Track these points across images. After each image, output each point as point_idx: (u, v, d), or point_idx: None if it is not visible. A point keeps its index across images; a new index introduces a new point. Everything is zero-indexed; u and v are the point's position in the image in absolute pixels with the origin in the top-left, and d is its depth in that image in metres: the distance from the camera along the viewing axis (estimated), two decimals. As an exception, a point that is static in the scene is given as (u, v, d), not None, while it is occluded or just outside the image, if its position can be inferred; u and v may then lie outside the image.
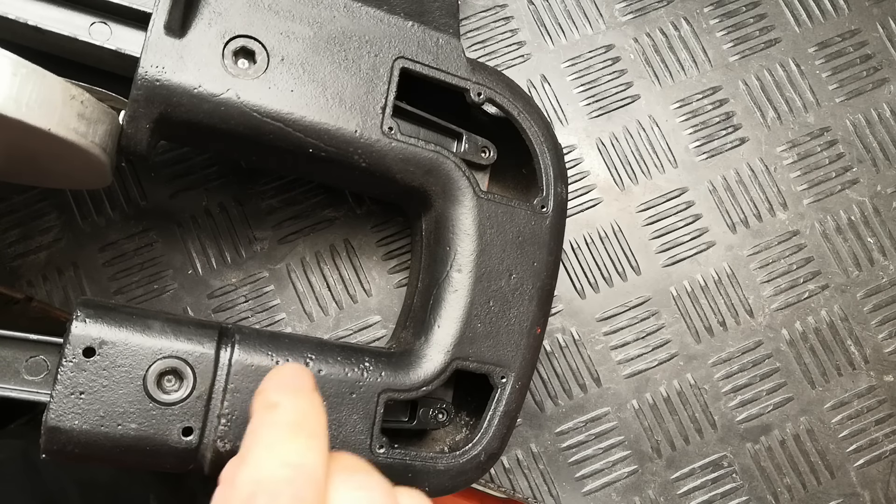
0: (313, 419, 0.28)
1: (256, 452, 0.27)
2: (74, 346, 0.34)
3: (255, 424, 0.29)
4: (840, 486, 0.51)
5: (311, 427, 0.28)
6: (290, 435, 0.27)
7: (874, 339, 0.53)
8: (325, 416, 0.29)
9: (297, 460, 0.27)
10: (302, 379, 0.30)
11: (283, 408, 0.29)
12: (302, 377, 0.30)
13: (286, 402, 0.29)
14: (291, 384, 0.30)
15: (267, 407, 0.29)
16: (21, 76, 0.32)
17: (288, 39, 0.39)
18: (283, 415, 0.28)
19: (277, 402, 0.29)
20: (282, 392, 0.29)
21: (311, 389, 0.30)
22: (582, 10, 0.54)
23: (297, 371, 0.31)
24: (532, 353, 0.43)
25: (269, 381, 0.31)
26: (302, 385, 0.30)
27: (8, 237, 0.50)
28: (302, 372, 0.31)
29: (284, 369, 0.31)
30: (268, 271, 0.51)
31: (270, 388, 0.30)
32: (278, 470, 0.26)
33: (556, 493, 0.50)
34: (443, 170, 0.42)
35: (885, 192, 0.54)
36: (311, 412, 0.29)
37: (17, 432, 0.57)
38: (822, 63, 0.55)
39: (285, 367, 0.32)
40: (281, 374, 0.31)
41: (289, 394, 0.29)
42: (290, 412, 0.28)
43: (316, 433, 0.28)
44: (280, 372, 0.31)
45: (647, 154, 0.53)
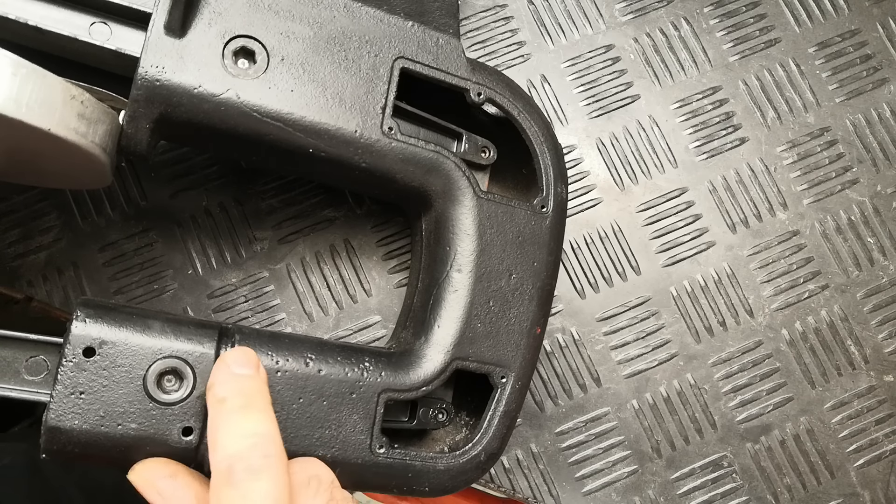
0: (258, 399, 0.34)
1: (220, 437, 0.32)
2: (74, 346, 0.34)
3: (213, 417, 0.33)
4: (840, 486, 0.51)
5: (258, 404, 0.33)
6: (242, 416, 0.33)
7: (874, 339, 0.53)
8: (267, 393, 0.34)
9: (254, 430, 0.32)
10: (244, 365, 0.35)
11: (230, 399, 0.33)
12: (243, 363, 0.35)
13: (232, 393, 0.33)
14: (233, 374, 0.34)
15: (218, 402, 0.33)
16: (21, 76, 0.32)
17: (288, 39, 0.39)
18: (232, 403, 0.33)
19: (224, 395, 0.33)
20: (226, 385, 0.34)
21: (253, 373, 0.35)
22: (582, 10, 0.54)
23: (239, 357, 0.35)
24: (532, 353, 0.43)
25: (214, 375, 0.35)
26: (243, 373, 0.34)
27: (8, 237, 0.50)
28: (243, 357, 0.35)
29: (228, 358, 0.35)
30: (268, 271, 0.51)
31: (216, 384, 0.34)
32: (242, 441, 0.31)
33: (556, 493, 0.50)
34: (443, 170, 0.42)
35: (885, 192, 0.54)
36: (254, 394, 0.34)
37: (21, 435, 0.57)
38: (822, 63, 0.55)
39: (228, 356, 0.35)
40: (223, 365, 0.35)
41: (233, 383, 0.34)
42: (237, 399, 0.33)
43: (263, 408, 0.33)
44: (223, 361, 0.35)
45: (647, 154, 0.53)
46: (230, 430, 0.32)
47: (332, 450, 0.38)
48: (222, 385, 0.34)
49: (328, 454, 0.38)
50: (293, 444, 0.37)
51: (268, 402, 0.34)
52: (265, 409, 0.33)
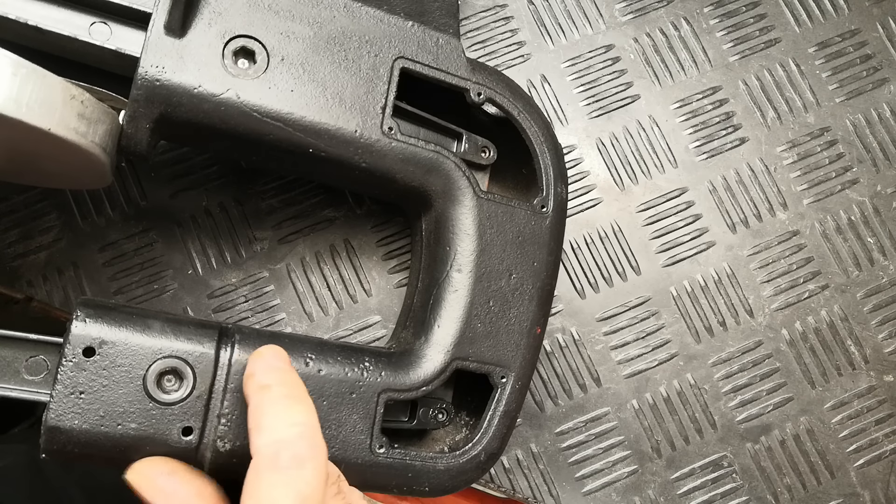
0: (299, 390, 0.35)
1: (267, 422, 0.33)
2: (74, 346, 0.34)
3: (256, 403, 0.34)
4: (840, 486, 0.51)
5: (300, 395, 0.34)
6: (289, 404, 0.33)
7: (874, 339, 0.53)
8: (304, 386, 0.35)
9: (300, 420, 0.33)
10: (280, 359, 0.36)
11: (273, 386, 0.34)
12: (280, 357, 0.36)
13: (275, 381, 0.34)
14: (274, 365, 0.35)
15: (261, 388, 0.34)
16: (21, 76, 0.32)
17: (288, 39, 0.39)
18: (277, 391, 0.34)
19: (268, 382, 0.34)
20: (269, 373, 0.35)
21: (288, 366, 0.36)
22: (582, 10, 0.54)
23: (275, 353, 0.36)
24: (532, 353, 0.43)
25: (254, 365, 0.35)
26: (282, 364, 0.36)
27: (8, 237, 0.50)
28: (278, 353, 0.36)
29: (264, 353, 0.36)
30: (268, 271, 0.51)
31: (258, 371, 0.35)
32: (289, 430, 0.32)
33: (556, 493, 0.50)
34: (443, 170, 0.42)
35: (885, 192, 0.54)
36: (295, 385, 0.35)
37: (21, 436, 0.57)
38: (822, 63, 0.55)
39: (264, 351, 0.36)
40: (261, 358, 0.36)
41: (275, 374, 0.35)
42: (281, 388, 0.34)
43: (305, 399, 0.34)
44: (261, 356, 0.36)
45: (647, 154, 0.53)
46: (278, 417, 0.33)
47: (332, 450, 0.38)
48: (264, 374, 0.35)
49: (328, 454, 0.38)
50: (293, 444, 0.37)
51: (308, 395, 0.35)
52: (308, 400, 0.34)
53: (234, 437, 0.36)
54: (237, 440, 0.36)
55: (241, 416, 0.36)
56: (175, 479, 0.34)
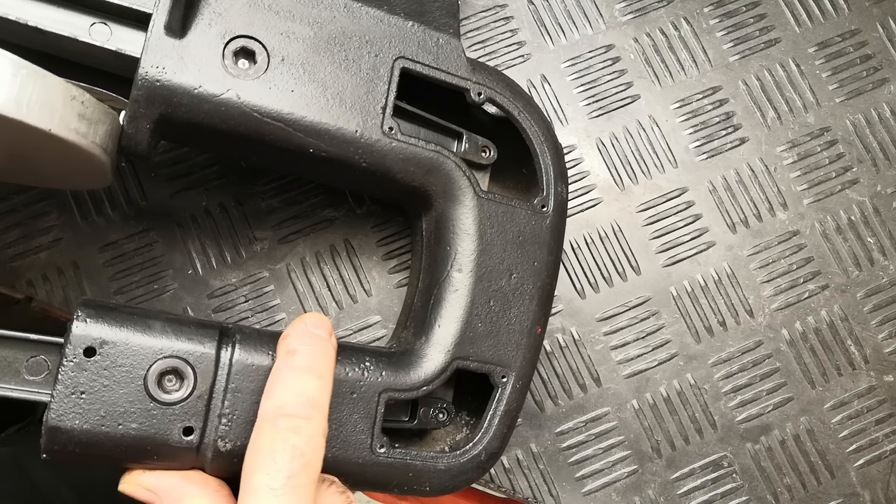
0: (323, 364, 0.35)
1: (278, 388, 0.34)
2: (75, 346, 0.34)
3: (278, 366, 0.35)
4: (840, 486, 0.51)
5: (321, 370, 0.35)
6: (303, 375, 0.34)
7: (874, 339, 0.53)
8: (333, 360, 0.36)
9: (308, 393, 0.34)
10: (319, 328, 0.36)
11: (299, 354, 0.35)
12: (319, 326, 0.36)
13: (302, 349, 0.35)
14: (309, 333, 0.36)
15: (287, 353, 0.35)
16: (21, 77, 0.32)
17: (288, 40, 0.39)
18: (300, 360, 0.35)
19: (295, 349, 0.35)
20: (300, 340, 0.36)
21: (326, 337, 0.36)
22: (582, 9, 0.54)
23: (317, 320, 0.37)
24: (532, 353, 0.43)
25: (293, 328, 0.36)
26: (318, 334, 0.36)
27: (8, 237, 0.50)
28: (320, 321, 0.37)
29: (306, 318, 0.37)
30: (268, 271, 0.51)
31: (292, 335, 0.36)
32: (294, 399, 0.34)
33: (556, 493, 0.50)
34: (443, 169, 0.42)
35: (885, 192, 0.54)
36: (321, 359, 0.35)
37: (8, 440, 0.57)
38: (822, 63, 0.55)
39: (307, 316, 0.37)
40: (302, 323, 0.36)
41: (306, 342, 0.36)
42: (304, 357, 0.35)
43: (323, 375, 0.35)
44: (302, 320, 0.37)
45: (647, 154, 0.53)
46: (288, 384, 0.34)
47: (332, 449, 0.38)
48: (296, 339, 0.36)
49: (329, 454, 0.38)
50: (294, 444, 0.37)
51: (330, 371, 0.35)
52: (326, 376, 0.35)
53: (235, 437, 0.36)
54: (238, 440, 0.36)
55: (242, 415, 0.36)
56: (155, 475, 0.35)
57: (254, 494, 0.32)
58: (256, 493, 0.32)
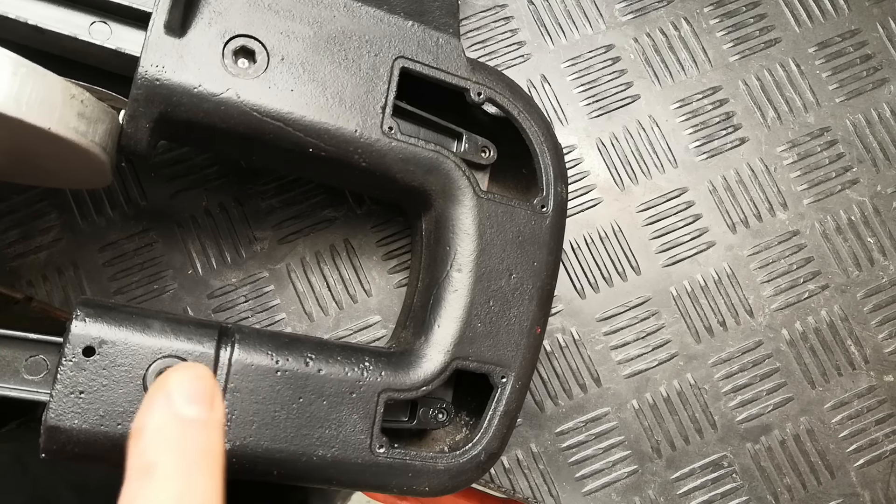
0: (202, 484, 0.21)
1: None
2: (74, 346, 0.34)
3: (126, 492, 0.22)
4: (840, 487, 0.51)
5: (200, 497, 0.21)
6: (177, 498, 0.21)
7: (874, 339, 0.53)
8: (220, 453, 0.22)
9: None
10: (193, 400, 0.22)
11: (161, 471, 0.21)
12: (193, 396, 0.22)
13: (166, 461, 0.22)
14: (176, 420, 0.22)
15: (141, 470, 0.22)
16: (21, 75, 0.32)
17: (288, 39, 0.39)
18: (162, 483, 0.21)
19: (154, 462, 0.22)
20: (161, 442, 0.22)
21: (205, 414, 0.22)
22: (582, 9, 0.54)
23: (189, 387, 0.22)
24: (532, 353, 0.43)
25: (147, 412, 0.22)
26: (192, 416, 0.22)
27: (8, 237, 0.50)
28: (195, 386, 0.23)
29: (171, 384, 0.22)
30: (268, 271, 0.51)
31: (147, 433, 0.22)
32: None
33: (556, 493, 0.50)
34: (443, 169, 0.42)
35: (885, 192, 0.54)
36: (200, 472, 0.22)
37: (8, 436, 0.57)
38: (822, 63, 0.55)
39: (173, 382, 0.23)
40: (164, 399, 0.22)
41: (171, 444, 0.22)
42: (170, 478, 0.21)
43: (207, 480, 0.21)
44: (164, 391, 0.22)
45: (647, 154, 0.53)
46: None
47: (331, 449, 0.38)
48: (156, 438, 0.22)
49: (328, 454, 0.38)
50: (293, 444, 0.37)
51: (219, 486, 0.22)
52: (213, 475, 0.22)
53: (233, 437, 0.36)
54: (237, 440, 0.36)
55: (242, 415, 0.36)
56: None
57: None
58: None
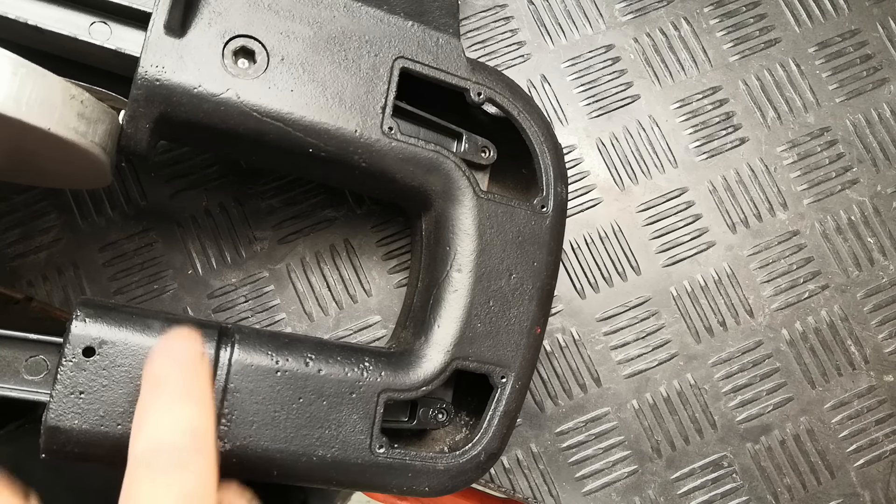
0: (199, 388, 0.31)
1: (151, 420, 0.29)
2: (74, 346, 0.34)
3: (145, 395, 0.30)
4: (840, 487, 0.51)
5: (199, 393, 0.31)
6: (181, 402, 0.30)
7: (874, 339, 0.53)
8: (210, 384, 0.32)
9: (191, 422, 0.29)
10: (188, 349, 0.32)
11: (168, 379, 0.31)
12: (188, 347, 0.32)
13: (172, 374, 0.31)
14: (177, 356, 0.32)
15: (155, 380, 0.31)
16: (21, 75, 0.32)
17: (288, 39, 0.39)
18: (172, 385, 0.30)
19: (163, 374, 0.31)
20: (168, 364, 0.31)
21: (198, 359, 0.32)
22: (582, 9, 0.54)
23: (185, 342, 0.32)
24: (532, 353, 0.43)
25: (156, 353, 0.32)
26: (187, 355, 0.32)
27: (8, 237, 0.50)
28: (189, 342, 0.32)
29: (173, 338, 0.32)
30: (268, 271, 0.51)
31: (157, 361, 0.31)
32: (173, 431, 0.29)
33: (556, 493, 0.50)
34: (443, 169, 0.42)
35: (885, 192, 0.54)
36: (196, 381, 0.31)
37: (6, 438, 0.57)
38: (822, 63, 0.55)
39: (173, 336, 0.33)
40: (167, 346, 0.32)
41: (174, 365, 0.31)
42: (177, 383, 0.30)
43: (203, 400, 0.30)
44: (166, 342, 0.32)
45: (647, 154, 0.53)
46: (164, 415, 0.29)
47: (331, 450, 0.38)
48: (163, 364, 0.31)
49: (328, 454, 0.38)
50: (293, 444, 0.37)
51: (209, 395, 0.31)
52: (206, 401, 0.31)
53: (233, 437, 0.36)
54: (237, 440, 0.36)
55: (241, 415, 0.36)
56: None
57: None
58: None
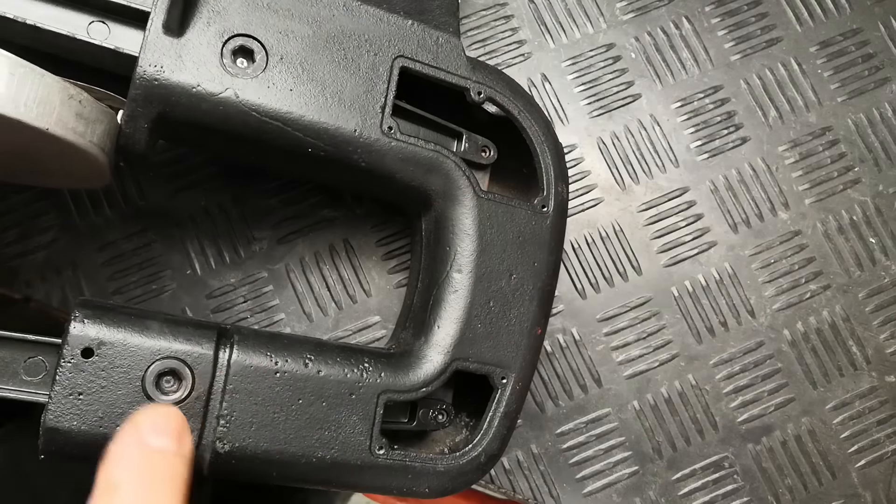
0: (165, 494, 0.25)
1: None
2: (73, 347, 0.34)
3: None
4: (841, 487, 0.51)
5: None
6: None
7: (876, 340, 0.53)
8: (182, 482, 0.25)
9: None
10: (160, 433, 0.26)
11: (123, 492, 0.25)
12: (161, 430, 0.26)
13: (128, 481, 0.25)
14: (142, 448, 0.26)
15: (106, 489, 0.25)
16: (19, 76, 0.32)
17: (287, 38, 0.39)
18: (128, 495, 0.24)
19: (119, 482, 0.25)
20: (126, 466, 0.25)
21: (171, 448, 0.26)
22: (583, 8, 0.54)
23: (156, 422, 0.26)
24: (532, 354, 0.43)
25: (117, 443, 0.26)
26: (157, 446, 0.26)
27: (6, 237, 0.49)
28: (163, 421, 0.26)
29: (140, 420, 0.26)
30: (267, 271, 0.50)
31: (114, 457, 0.26)
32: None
33: (557, 494, 0.50)
34: (443, 169, 0.42)
35: (886, 192, 0.54)
36: (159, 495, 0.25)
37: (5, 437, 0.57)
38: (823, 62, 0.55)
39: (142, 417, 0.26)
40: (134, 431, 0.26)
41: (134, 468, 0.25)
42: (131, 497, 0.24)
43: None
44: (134, 426, 0.26)
45: (648, 153, 0.53)
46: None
47: (331, 451, 0.38)
48: (122, 462, 0.25)
49: (327, 455, 0.38)
50: (292, 446, 0.37)
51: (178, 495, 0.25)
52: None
53: (233, 439, 0.36)
54: (236, 441, 0.36)
55: (241, 417, 0.36)
56: None
57: None
58: None
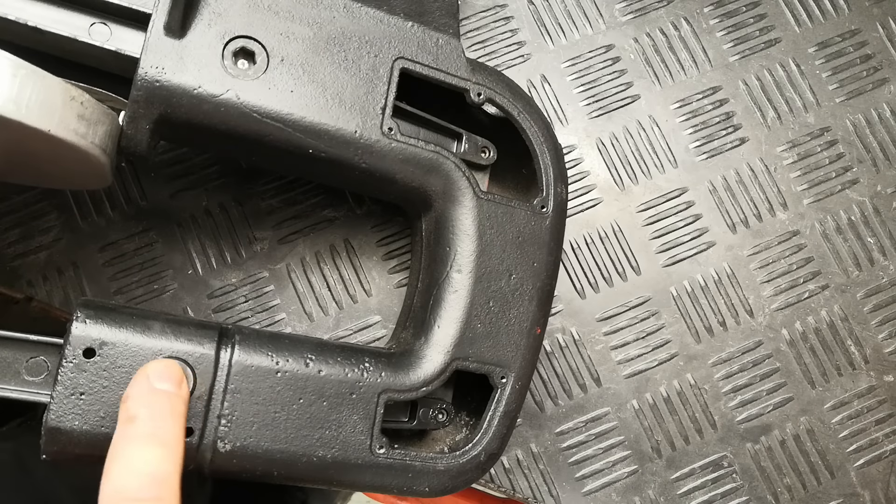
0: (167, 428, 0.31)
1: (115, 467, 0.30)
2: (75, 347, 0.35)
3: (116, 438, 0.31)
4: (840, 487, 0.51)
5: (165, 436, 0.31)
6: (145, 446, 0.31)
7: (874, 339, 0.53)
8: (182, 418, 0.32)
9: (152, 468, 0.30)
10: (165, 379, 0.33)
11: (139, 420, 0.31)
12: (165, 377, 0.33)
13: (143, 413, 0.32)
14: (152, 390, 0.32)
15: (126, 420, 0.31)
16: (21, 77, 0.32)
17: (288, 40, 0.39)
18: (140, 427, 0.31)
19: (136, 414, 0.31)
20: (140, 402, 0.32)
21: (173, 391, 0.33)
22: (582, 9, 0.54)
23: (161, 371, 0.33)
24: (532, 354, 0.43)
25: (133, 386, 0.33)
26: (163, 389, 0.32)
27: (8, 237, 0.50)
28: (166, 371, 0.33)
29: (149, 369, 0.33)
30: (268, 271, 0.51)
31: (132, 396, 0.32)
32: (135, 479, 0.30)
33: (557, 493, 0.50)
34: (443, 170, 0.42)
35: (885, 192, 0.54)
36: (166, 421, 0.32)
37: (9, 435, 0.57)
38: (822, 63, 0.55)
39: (150, 367, 0.33)
40: (144, 378, 0.33)
41: (147, 403, 0.32)
42: (146, 424, 0.31)
43: (169, 442, 0.31)
44: (144, 374, 0.33)
45: (647, 154, 0.53)
46: (127, 461, 0.30)
47: (332, 450, 0.38)
48: (137, 400, 0.32)
49: (328, 454, 0.38)
50: (293, 445, 0.37)
51: (179, 432, 0.32)
52: (172, 442, 0.31)
53: (234, 438, 0.36)
54: (237, 441, 0.36)
55: (242, 416, 0.36)
56: None
57: None
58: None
